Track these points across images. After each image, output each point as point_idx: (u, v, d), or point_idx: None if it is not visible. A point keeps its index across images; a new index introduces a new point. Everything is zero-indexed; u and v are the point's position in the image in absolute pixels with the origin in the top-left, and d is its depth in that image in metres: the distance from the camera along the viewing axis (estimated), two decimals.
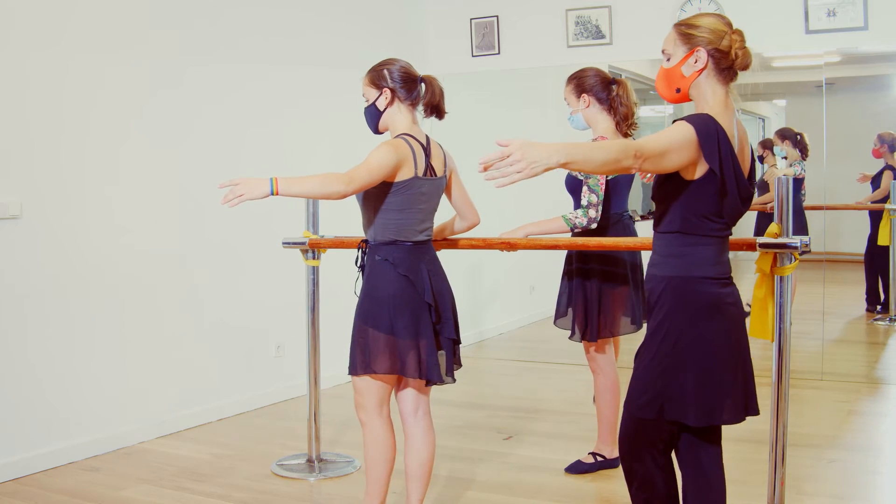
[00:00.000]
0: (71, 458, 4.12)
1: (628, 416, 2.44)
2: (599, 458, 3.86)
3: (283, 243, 4.04)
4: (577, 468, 3.87)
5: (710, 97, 2.35)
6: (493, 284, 7.17)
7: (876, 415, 4.80)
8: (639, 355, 2.43)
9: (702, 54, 2.33)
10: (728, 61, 2.33)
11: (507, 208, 5.42)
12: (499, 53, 6.24)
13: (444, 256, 5.08)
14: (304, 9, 5.43)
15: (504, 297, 7.31)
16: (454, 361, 3.07)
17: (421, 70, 3.16)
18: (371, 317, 2.94)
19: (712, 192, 2.28)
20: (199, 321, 4.78)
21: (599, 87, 3.69)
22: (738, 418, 2.37)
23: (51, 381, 4.08)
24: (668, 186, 2.33)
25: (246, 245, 5.02)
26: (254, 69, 5.08)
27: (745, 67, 2.36)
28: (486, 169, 2.04)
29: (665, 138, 2.21)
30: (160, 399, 4.57)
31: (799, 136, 6.21)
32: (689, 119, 2.26)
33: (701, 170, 2.27)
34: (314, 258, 4.01)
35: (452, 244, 3.63)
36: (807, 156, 6.19)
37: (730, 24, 2.35)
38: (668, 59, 2.39)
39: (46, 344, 4.06)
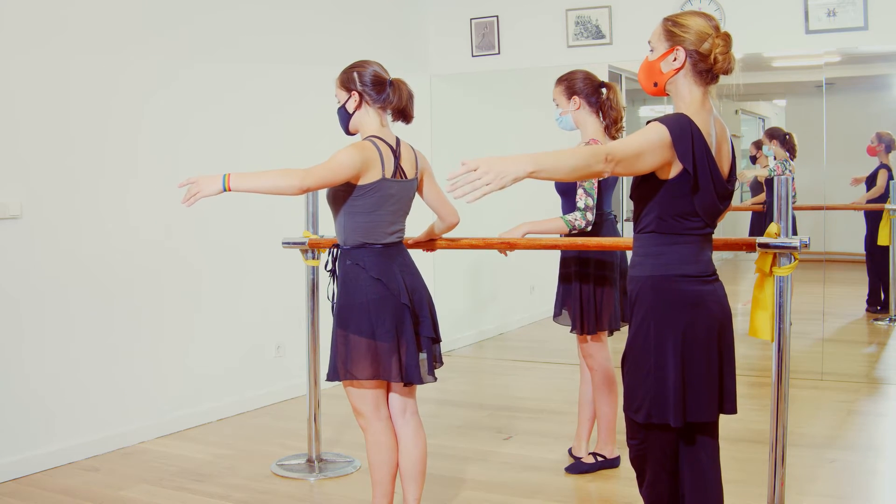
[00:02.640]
0: (71, 458, 4.12)
1: (628, 420, 2.45)
2: (600, 458, 3.87)
3: (283, 243, 4.04)
4: (577, 468, 3.87)
5: (686, 96, 2.35)
6: (493, 284, 7.17)
7: (876, 415, 4.80)
8: (624, 359, 2.43)
9: (681, 54, 2.33)
10: (707, 64, 2.33)
11: (508, 208, 5.43)
12: (499, 53, 6.24)
13: (445, 256, 5.08)
14: (303, 8, 5.43)
15: (504, 297, 7.31)
16: (434, 360, 3.07)
17: (421, 70, 3.15)
18: (352, 322, 2.94)
19: (687, 191, 2.28)
20: (199, 321, 4.78)
21: (590, 90, 3.72)
22: (710, 416, 2.37)
23: (51, 381, 4.08)
24: (644, 187, 2.33)
25: (246, 245, 5.02)
26: (254, 68, 5.09)
27: (726, 73, 2.35)
28: (453, 186, 2.05)
29: (638, 140, 2.21)
30: (160, 399, 4.57)
31: (787, 136, 6.21)
32: (663, 120, 2.26)
33: (675, 169, 2.27)
34: (314, 258, 4.02)
35: (453, 244, 3.63)
36: (794, 156, 6.19)
37: (717, 28, 2.34)
38: (652, 52, 2.40)
39: (46, 344, 4.06)
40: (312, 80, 5.42)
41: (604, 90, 3.74)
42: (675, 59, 2.33)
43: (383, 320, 2.92)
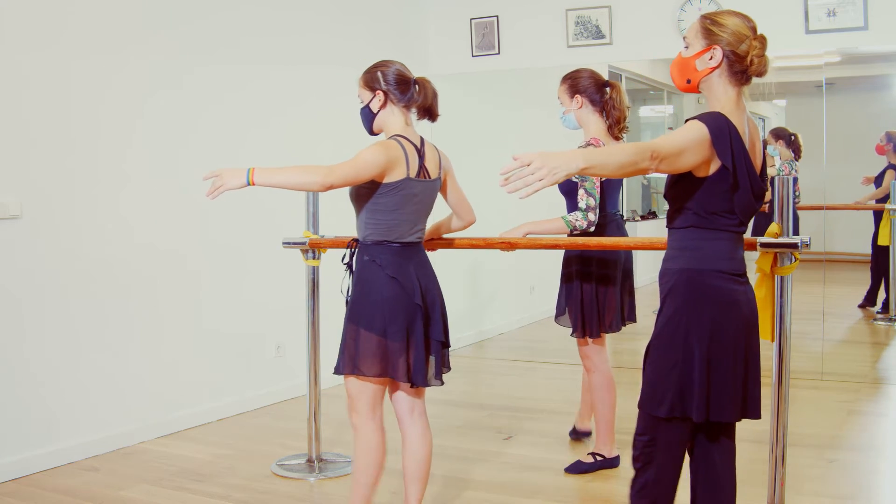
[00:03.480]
0: (71, 458, 4.12)
1: (645, 416, 2.41)
2: (599, 458, 3.86)
3: (284, 243, 4.04)
4: (577, 468, 3.87)
5: (721, 95, 2.36)
6: (493, 284, 7.17)
7: (876, 415, 4.80)
8: (649, 352, 2.41)
9: (717, 53, 2.33)
10: (743, 66, 2.33)
11: (508, 208, 5.43)
12: (499, 53, 6.24)
13: (445, 256, 5.07)
14: (304, 9, 5.43)
15: (504, 297, 7.31)
16: (442, 364, 3.05)
17: (421, 70, 3.15)
18: (364, 318, 2.93)
19: (725, 188, 2.29)
20: (200, 321, 4.78)
21: (593, 89, 3.72)
22: (733, 417, 2.36)
23: (51, 382, 4.08)
24: (681, 185, 2.34)
25: (246, 245, 5.02)
26: (255, 69, 5.08)
27: (760, 75, 2.36)
28: (506, 181, 2.03)
29: (680, 138, 2.22)
30: (160, 399, 4.57)
31: (793, 137, 6.22)
32: (702, 118, 2.27)
33: (714, 167, 2.28)
34: (314, 258, 4.02)
35: (453, 244, 3.63)
36: (800, 156, 6.19)
37: (754, 30, 2.35)
38: (687, 48, 2.40)
39: (46, 344, 4.06)
40: (314, 81, 5.42)
41: (607, 89, 3.74)
42: (711, 58, 2.34)
43: (395, 319, 2.91)
